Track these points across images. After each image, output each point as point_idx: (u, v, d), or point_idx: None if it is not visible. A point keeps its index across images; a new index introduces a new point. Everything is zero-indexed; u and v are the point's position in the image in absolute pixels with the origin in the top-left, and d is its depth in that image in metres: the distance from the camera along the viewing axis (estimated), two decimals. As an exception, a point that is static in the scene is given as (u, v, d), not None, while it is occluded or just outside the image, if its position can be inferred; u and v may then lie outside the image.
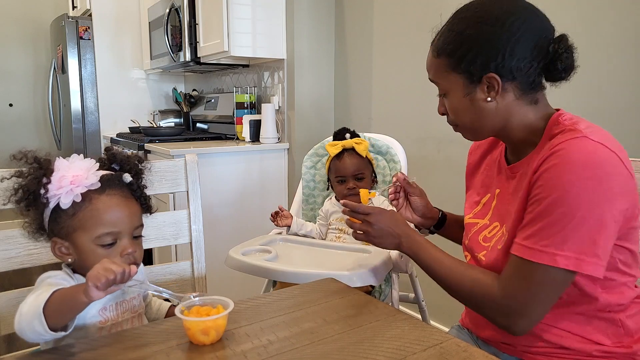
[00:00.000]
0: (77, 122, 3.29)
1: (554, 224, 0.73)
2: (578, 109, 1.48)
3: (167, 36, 2.72)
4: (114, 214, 0.80)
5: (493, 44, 0.80)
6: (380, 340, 0.72)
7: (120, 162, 0.87)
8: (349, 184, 1.44)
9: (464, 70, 0.83)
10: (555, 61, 0.80)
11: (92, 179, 0.79)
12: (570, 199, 0.72)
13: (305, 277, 1.07)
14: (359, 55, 2.35)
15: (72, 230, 0.80)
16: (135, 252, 0.82)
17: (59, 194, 0.78)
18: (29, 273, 0.99)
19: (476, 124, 0.87)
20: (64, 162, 0.81)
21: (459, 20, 0.85)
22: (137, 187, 0.86)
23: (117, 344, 0.72)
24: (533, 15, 0.82)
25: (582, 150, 0.73)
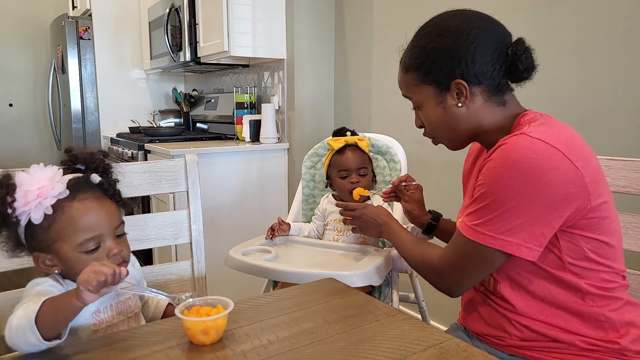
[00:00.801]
0: (77, 122, 3.29)
1: (485, 209, 0.82)
2: (576, 108, 1.49)
3: (167, 36, 2.72)
4: (90, 218, 0.78)
5: (455, 53, 0.87)
6: (380, 340, 0.72)
7: (85, 161, 0.83)
8: (352, 178, 1.41)
9: (433, 81, 0.90)
10: (516, 63, 0.87)
11: (58, 187, 0.75)
12: (500, 190, 0.80)
13: (306, 277, 1.07)
14: (359, 55, 2.35)
15: (52, 242, 0.77)
16: (122, 251, 0.81)
17: (27, 210, 0.74)
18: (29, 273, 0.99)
19: (452, 131, 0.94)
20: (25, 175, 0.76)
21: (421, 37, 0.93)
22: (107, 185, 0.82)
23: (117, 344, 0.72)
24: (489, 24, 0.89)
25: (516, 146, 0.80)
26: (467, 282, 0.91)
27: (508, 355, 0.90)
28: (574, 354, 0.85)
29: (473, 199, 0.85)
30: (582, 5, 1.46)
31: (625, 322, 0.85)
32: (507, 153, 0.80)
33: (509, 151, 0.80)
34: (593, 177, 0.81)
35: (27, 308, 0.68)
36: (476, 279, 0.90)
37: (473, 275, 0.89)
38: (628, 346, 0.84)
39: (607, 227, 0.84)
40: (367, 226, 1.18)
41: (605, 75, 1.42)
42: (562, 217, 0.80)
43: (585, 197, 0.80)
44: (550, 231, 0.81)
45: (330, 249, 1.36)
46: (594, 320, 0.84)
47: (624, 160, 1.02)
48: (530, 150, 0.78)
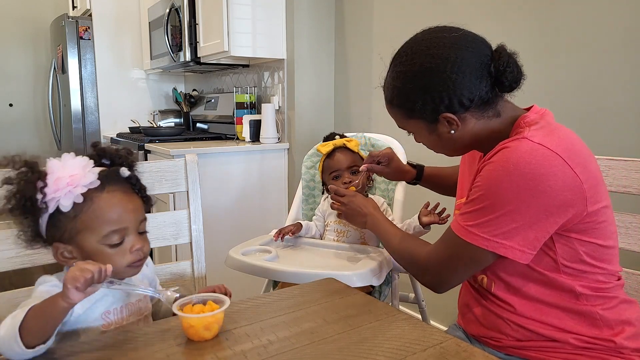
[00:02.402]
0: (77, 122, 3.29)
1: (482, 211, 0.82)
2: (576, 108, 1.49)
3: (167, 36, 2.72)
4: (118, 210, 0.77)
5: (434, 92, 0.85)
6: (380, 340, 0.72)
7: (111, 157, 0.83)
8: (345, 178, 1.43)
9: (419, 116, 0.90)
10: (500, 78, 0.85)
11: (90, 177, 0.75)
12: (498, 193, 0.80)
13: (306, 277, 1.07)
14: (359, 55, 2.35)
15: (76, 232, 0.76)
16: (144, 247, 0.81)
17: (57, 197, 0.73)
18: (29, 273, 0.99)
19: (450, 149, 0.95)
20: (57, 162, 0.76)
21: (397, 75, 0.91)
22: (135, 180, 0.83)
23: (116, 345, 0.72)
24: (462, 50, 0.84)
25: (517, 151, 0.79)
26: (454, 280, 0.91)
27: (505, 356, 0.91)
28: (570, 353, 0.85)
29: (469, 199, 0.85)
30: (582, 5, 1.46)
31: (620, 320, 0.85)
32: (508, 157, 0.80)
33: (510, 155, 0.80)
34: (592, 182, 0.81)
35: (14, 317, 0.67)
36: (463, 277, 0.92)
37: (460, 274, 0.90)
38: (624, 344, 0.84)
39: (604, 230, 0.84)
40: (353, 214, 1.19)
41: (605, 75, 1.42)
42: (558, 222, 0.80)
43: (583, 203, 0.80)
44: (544, 235, 0.81)
45: (330, 249, 1.36)
46: (588, 319, 0.85)
47: (625, 161, 1.02)
48: (530, 155, 0.78)
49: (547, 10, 1.55)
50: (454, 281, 0.92)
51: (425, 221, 1.25)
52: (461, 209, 0.87)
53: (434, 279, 0.92)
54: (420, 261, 0.94)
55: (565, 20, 1.51)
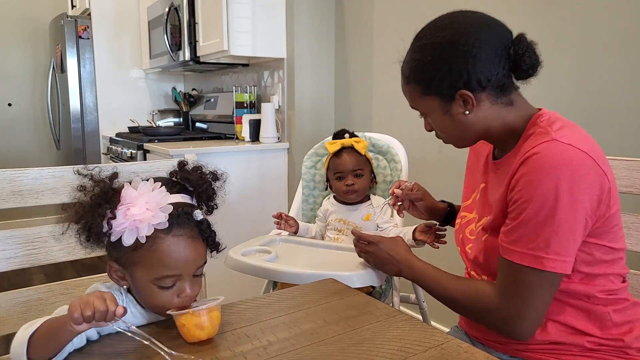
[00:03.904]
0: (76, 122, 3.29)
1: (537, 227, 0.77)
2: (577, 108, 1.48)
3: (167, 35, 2.72)
4: (178, 256, 0.73)
5: (454, 66, 0.84)
6: (380, 341, 0.71)
7: (194, 183, 0.79)
8: (348, 179, 1.44)
9: (435, 92, 0.87)
10: (519, 62, 0.84)
11: (159, 217, 0.71)
12: (548, 203, 0.75)
13: (306, 277, 1.07)
14: (359, 55, 2.35)
15: (132, 263, 0.74)
16: (193, 293, 0.76)
17: (122, 231, 0.70)
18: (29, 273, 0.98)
19: (461, 136, 0.92)
20: (132, 192, 0.72)
21: (417, 49, 0.89)
22: (206, 226, 0.78)
23: (115, 346, 0.71)
24: (486, 28, 0.85)
25: (553, 154, 0.76)
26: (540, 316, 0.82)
27: (509, 357, 0.90)
28: (576, 355, 0.84)
29: (519, 220, 0.78)
30: (582, 5, 1.46)
31: (628, 321, 0.85)
32: (546, 162, 0.76)
33: (547, 160, 0.76)
34: (614, 183, 0.80)
35: (30, 325, 0.65)
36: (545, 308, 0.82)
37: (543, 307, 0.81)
38: (631, 344, 0.84)
39: (617, 233, 0.84)
40: (380, 262, 1.06)
41: (606, 74, 1.42)
42: (590, 225, 0.79)
43: (607, 203, 0.79)
44: (581, 240, 0.79)
45: (330, 249, 1.35)
46: (599, 319, 0.84)
47: (627, 160, 1.01)
48: (567, 158, 0.76)
49: (548, 11, 1.55)
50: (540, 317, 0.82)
51: (419, 238, 1.23)
52: (511, 233, 0.80)
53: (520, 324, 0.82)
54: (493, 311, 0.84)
55: (566, 21, 1.50)
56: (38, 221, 0.84)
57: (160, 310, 0.76)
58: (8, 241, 0.96)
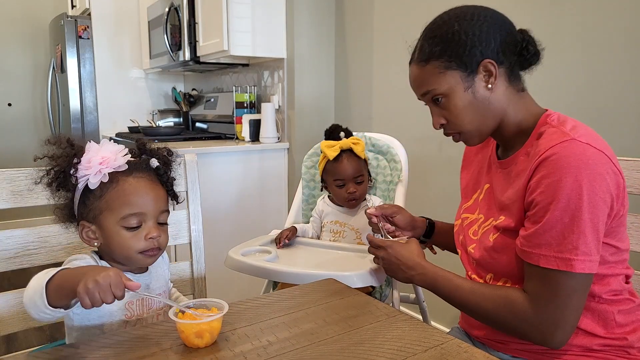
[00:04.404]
0: (76, 122, 3.29)
1: (563, 229, 0.76)
2: (577, 108, 1.48)
3: (167, 35, 2.72)
4: (139, 195, 0.82)
5: (477, 35, 0.85)
6: (380, 341, 0.71)
7: (150, 152, 0.89)
8: (350, 187, 1.38)
9: (459, 65, 0.86)
10: (527, 46, 0.86)
11: (120, 161, 0.81)
12: (572, 203, 0.75)
13: (306, 277, 1.07)
14: (359, 55, 2.35)
15: (99, 212, 0.81)
16: (159, 237, 0.83)
17: (87, 174, 0.80)
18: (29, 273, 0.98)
19: (481, 118, 0.88)
20: (95, 145, 0.83)
21: (438, 26, 0.89)
22: (163, 172, 0.87)
23: (115, 345, 0.72)
24: (497, 12, 0.89)
25: (572, 154, 0.76)
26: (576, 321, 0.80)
27: (511, 357, 0.90)
28: (578, 355, 0.84)
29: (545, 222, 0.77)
30: (584, 4, 1.46)
31: (632, 321, 0.85)
32: (567, 162, 0.75)
33: (569, 161, 0.75)
34: (625, 182, 0.81)
35: (46, 272, 0.70)
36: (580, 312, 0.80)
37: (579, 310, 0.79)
38: (634, 343, 0.84)
39: (623, 233, 0.84)
40: (391, 269, 1.01)
41: (608, 74, 1.42)
42: (608, 224, 0.79)
43: (622, 202, 0.80)
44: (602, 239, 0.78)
45: (330, 250, 1.35)
46: (603, 318, 0.84)
47: (627, 160, 1.01)
48: (586, 157, 0.76)
49: (549, 9, 1.55)
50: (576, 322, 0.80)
51: None
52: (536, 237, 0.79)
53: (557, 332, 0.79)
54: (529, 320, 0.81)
55: (566, 21, 1.50)
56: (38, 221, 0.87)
57: (131, 254, 0.82)
58: (8, 241, 0.96)
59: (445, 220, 1.23)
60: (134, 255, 0.82)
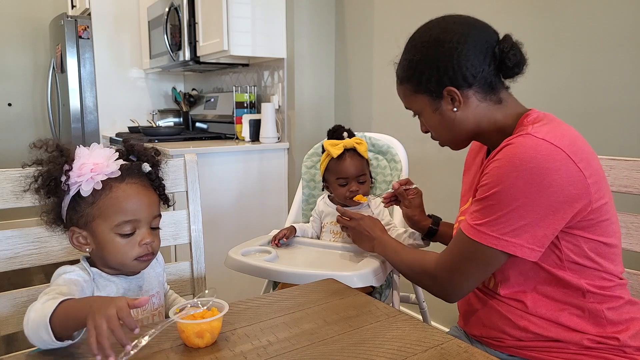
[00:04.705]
0: (76, 122, 3.29)
1: (490, 209, 0.82)
2: (577, 109, 1.48)
3: (167, 35, 2.72)
4: (133, 202, 0.81)
5: (439, 63, 0.88)
6: (380, 341, 0.71)
7: (138, 154, 0.88)
8: (352, 186, 1.38)
9: (424, 90, 0.92)
10: (504, 60, 0.87)
11: (112, 167, 0.80)
12: (506, 190, 0.80)
13: (306, 277, 1.07)
14: (359, 55, 2.35)
15: (91, 218, 0.80)
16: (153, 242, 0.83)
17: (79, 181, 0.78)
18: (29, 273, 0.99)
19: (452, 134, 0.95)
20: (85, 150, 0.81)
21: (408, 50, 0.95)
22: (155, 176, 0.87)
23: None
24: (471, 28, 0.90)
25: (522, 147, 0.80)
26: (467, 285, 0.90)
27: (507, 356, 0.90)
28: (573, 353, 0.85)
29: (477, 199, 0.85)
30: (583, 4, 1.46)
31: (624, 319, 0.86)
32: (513, 153, 0.80)
33: (515, 151, 0.80)
34: (595, 178, 0.81)
35: (45, 304, 0.68)
36: (475, 281, 0.89)
37: (473, 278, 0.88)
38: (627, 342, 0.84)
39: (607, 228, 0.85)
40: (360, 238, 1.19)
41: (607, 74, 1.42)
42: (565, 218, 0.80)
43: (587, 198, 0.80)
44: (552, 232, 0.81)
45: (330, 250, 1.35)
46: (594, 317, 0.85)
47: (626, 160, 1.01)
48: (535, 151, 0.78)
49: (548, 11, 1.55)
50: (466, 287, 0.90)
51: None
52: (469, 209, 0.87)
53: (445, 286, 0.91)
54: (429, 269, 0.93)
55: (566, 20, 1.50)
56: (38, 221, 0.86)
57: (125, 261, 0.82)
58: (8, 241, 0.96)
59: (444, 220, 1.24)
60: (128, 262, 0.82)
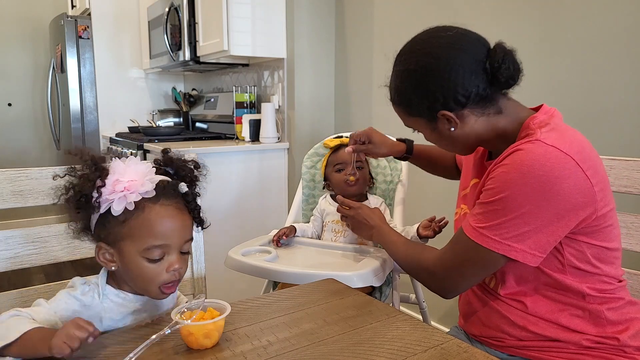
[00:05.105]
0: (76, 122, 3.29)
1: (494, 213, 0.81)
2: (577, 109, 1.48)
3: (167, 35, 2.72)
4: (166, 225, 0.76)
5: (428, 90, 0.86)
6: (380, 341, 0.71)
7: (176, 167, 0.83)
8: (348, 170, 1.42)
9: (418, 115, 0.91)
10: (496, 75, 0.84)
11: (147, 186, 0.74)
12: (512, 196, 0.79)
13: (306, 277, 1.07)
14: (359, 55, 2.35)
15: (120, 238, 0.75)
16: (181, 269, 0.78)
17: (111, 199, 0.73)
18: (29, 273, 0.99)
19: (455, 148, 0.95)
20: (121, 164, 0.76)
21: (396, 74, 0.92)
22: (192, 198, 0.81)
23: (115, 346, 0.72)
24: (456, 49, 0.85)
25: (532, 153, 0.78)
26: (463, 284, 0.91)
27: (507, 356, 0.90)
28: (573, 353, 0.85)
29: (481, 202, 0.84)
30: (583, 5, 1.46)
31: (624, 320, 0.86)
32: (522, 159, 0.79)
33: (524, 158, 0.79)
34: (601, 185, 0.81)
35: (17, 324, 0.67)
36: (473, 281, 0.90)
37: (470, 278, 0.89)
38: (627, 342, 0.84)
39: (610, 233, 0.85)
40: (359, 227, 1.20)
41: (607, 74, 1.42)
42: (570, 226, 0.80)
43: (593, 206, 0.80)
44: (555, 239, 0.80)
45: (330, 250, 1.35)
46: (594, 318, 0.85)
47: (626, 160, 1.01)
48: (544, 158, 0.77)
49: (548, 11, 1.55)
50: (463, 286, 0.91)
51: (423, 234, 1.24)
52: (472, 211, 0.86)
53: (442, 283, 0.91)
54: (428, 265, 0.93)
55: (567, 20, 1.50)
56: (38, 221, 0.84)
57: (150, 287, 0.77)
58: (9, 241, 0.96)
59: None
60: (154, 288, 0.77)
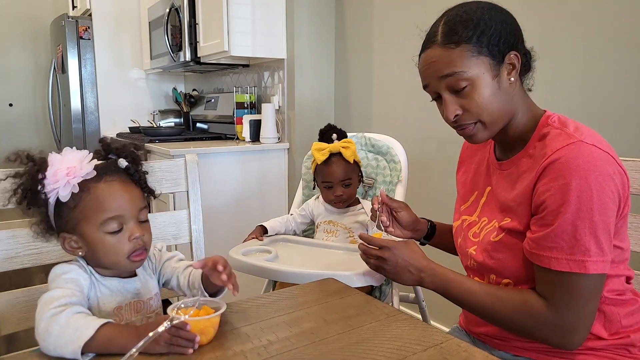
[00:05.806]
0: (77, 122, 3.29)
1: (576, 233, 0.76)
2: (577, 109, 1.48)
3: (167, 36, 2.72)
4: (114, 199, 0.80)
5: (506, 27, 0.84)
6: (380, 340, 0.72)
7: (116, 151, 0.86)
8: (337, 191, 1.41)
9: (490, 52, 0.83)
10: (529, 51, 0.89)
11: (86, 168, 0.79)
12: (584, 205, 0.75)
13: (306, 277, 1.07)
14: (359, 55, 2.35)
15: (77, 222, 0.80)
16: (143, 236, 0.82)
17: (56, 188, 0.77)
18: (29, 273, 0.99)
19: (500, 110, 0.85)
20: (57, 156, 0.80)
21: (468, 12, 0.84)
22: (134, 171, 0.85)
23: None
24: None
25: (581, 156, 0.76)
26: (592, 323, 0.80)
27: (512, 356, 0.90)
28: (578, 352, 0.84)
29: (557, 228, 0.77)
30: (584, 5, 1.46)
31: (637, 321, 0.86)
32: (577, 165, 0.75)
33: (576, 162, 0.76)
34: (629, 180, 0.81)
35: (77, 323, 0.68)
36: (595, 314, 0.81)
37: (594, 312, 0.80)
38: (635, 342, 0.84)
39: (624, 233, 0.85)
40: (397, 271, 0.94)
41: (607, 74, 1.42)
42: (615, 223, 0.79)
43: (626, 201, 0.80)
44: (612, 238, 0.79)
45: (330, 249, 1.36)
46: (609, 320, 0.84)
47: (626, 160, 1.01)
48: (596, 159, 0.76)
49: (549, 11, 1.55)
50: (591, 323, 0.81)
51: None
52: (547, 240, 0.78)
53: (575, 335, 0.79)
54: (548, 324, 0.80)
55: (567, 21, 1.51)
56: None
57: (119, 259, 0.81)
58: (9, 241, 0.96)
59: (444, 220, 1.23)
60: (122, 260, 0.81)
